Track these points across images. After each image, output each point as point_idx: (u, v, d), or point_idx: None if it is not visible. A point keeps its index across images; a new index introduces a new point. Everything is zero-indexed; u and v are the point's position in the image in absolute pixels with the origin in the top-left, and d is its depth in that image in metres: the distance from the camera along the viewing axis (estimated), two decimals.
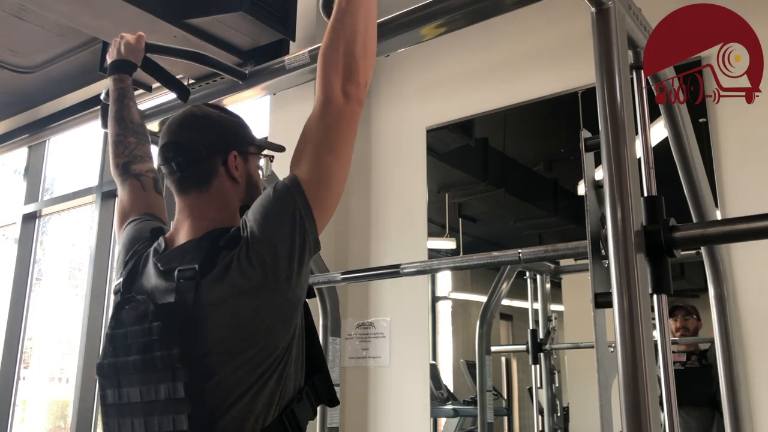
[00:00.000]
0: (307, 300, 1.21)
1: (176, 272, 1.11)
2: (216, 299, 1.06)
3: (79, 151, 4.47)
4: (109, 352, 1.16)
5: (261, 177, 1.32)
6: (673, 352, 2.19)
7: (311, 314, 1.24)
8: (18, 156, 4.61)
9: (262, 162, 1.33)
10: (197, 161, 1.21)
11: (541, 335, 2.78)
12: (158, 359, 1.07)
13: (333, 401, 1.20)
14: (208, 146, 1.22)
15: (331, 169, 1.17)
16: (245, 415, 1.05)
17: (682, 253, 1.08)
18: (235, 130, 1.27)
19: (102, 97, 2.09)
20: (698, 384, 2.13)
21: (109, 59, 1.66)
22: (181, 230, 1.21)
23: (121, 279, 1.22)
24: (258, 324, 1.07)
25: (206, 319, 1.06)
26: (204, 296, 1.06)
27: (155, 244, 1.23)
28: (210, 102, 1.30)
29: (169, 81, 1.79)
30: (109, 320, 1.18)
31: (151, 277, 1.17)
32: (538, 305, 2.85)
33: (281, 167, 1.32)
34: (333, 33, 1.19)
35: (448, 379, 2.94)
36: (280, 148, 1.32)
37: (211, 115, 1.27)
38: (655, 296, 1.07)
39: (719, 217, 1.92)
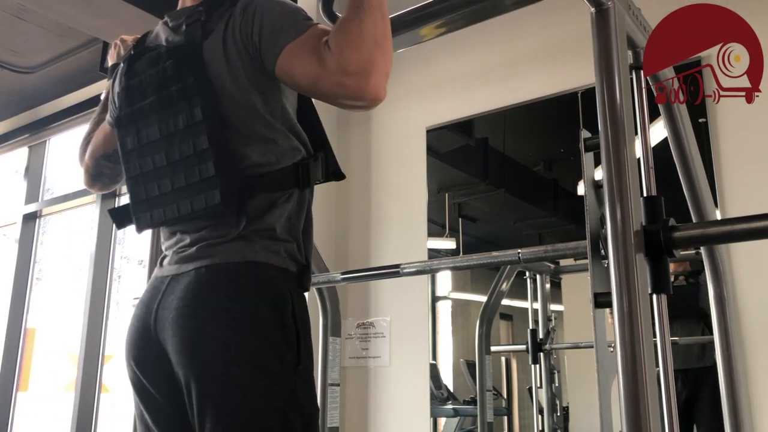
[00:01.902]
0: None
1: (185, 21, 1.19)
2: (221, 42, 1.13)
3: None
4: (125, 103, 1.21)
5: None
6: None
7: (313, 106, 1.26)
8: (18, 156, 4.61)
9: None
10: None
11: (541, 335, 2.78)
12: (174, 93, 1.13)
13: (339, 175, 1.23)
14: None
15: (298, 85, 1.14)
16: (261, 145, 1.13)
17: (682, 253, 1.08)
18: None
19: (102, 97, 2.09)
20: (685, 298, 2.23)
21: (110, 61, 1.66)
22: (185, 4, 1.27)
23: (133, 44, 1.29)
24: (251, 78, 1.13)
25: (215, 56, 1.13)
26: (212, 36, 1.14)
27: (165, 17, 1.27)
28: None
29: None
30: (122, 73, 1.24)
31: (161, 35, 1.25)
32: (538, 305, 2.85)
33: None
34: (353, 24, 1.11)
35: (448, 378, 2.94)
36: None
37: None
38: (654, 296, 1.07)
39: (719, 217, 1.92)
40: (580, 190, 2.49)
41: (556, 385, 2.77)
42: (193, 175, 1.11)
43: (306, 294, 1.21)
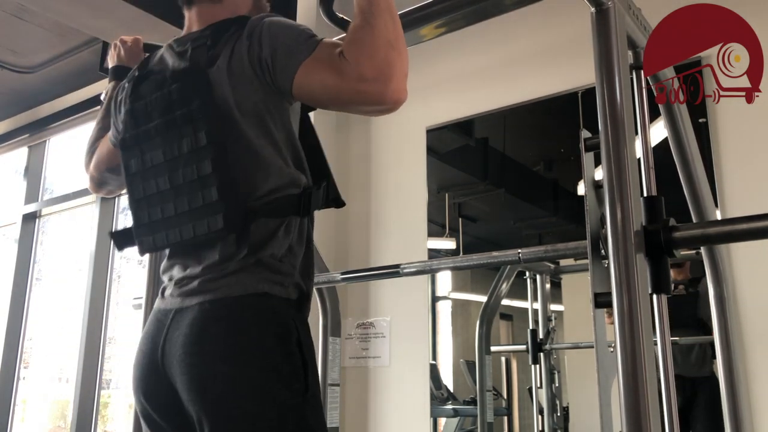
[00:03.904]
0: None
1: (190, 46, 1.20)
2: (222, 76, 1.13)
3: (80, 151, 4.47)
4: (130, 125, 1.21)
5: None
6: None
7: (314, 131, 1.29)
8: (18, 156, 4.61)
9: None
10: None
11: (541, 335, 2.78)
12: (179, 117, 1.13)
13: (338, 201, 1.28)
14: None
15: (319, 102, 1.16)
16: (264, 172, 1.13)
17: (682, 253, 1.08)
18: None
19: (102, 97, 2.09)
20: (684, 307, 2.22)
21: (110, 63, 1.65)
22: (191, 30, 1.27)
23: (137, 66, 1.30)
24: (258, 105, 1.14)
25: (221, 81, 1.13)
26: (219, 62, 1.14)
27: (171, 42, 1.28)
28: None
29: None
30: (127, 96, 1.24)
31: (166, 59, 1.25)
32: (538, 305, 2.85)
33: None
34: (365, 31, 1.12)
35: (448, 379, 2.94)
36: None
37: None
38: (654, 296, 1.07)
39: (719, 217, 1.92)
40: (580, 190, 2.49)
41: (556, 385, 2.77)
42: (197, 200, 1.11)
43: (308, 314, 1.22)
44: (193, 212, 1.12)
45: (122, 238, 1.27)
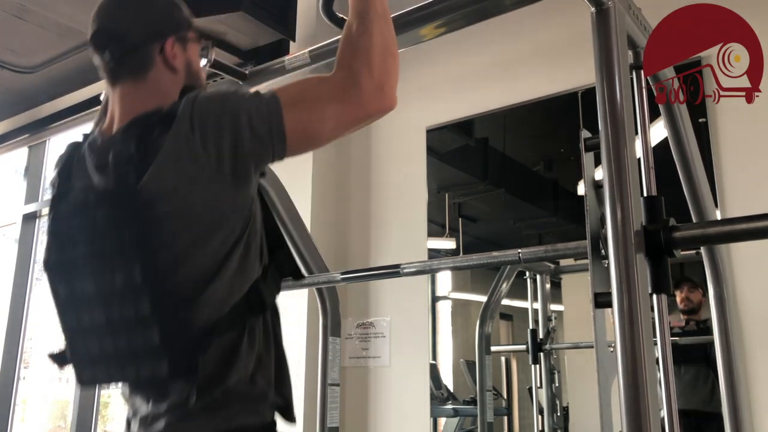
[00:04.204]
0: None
1: (111, 158, 1.03)
2: (164, 187, 0.99)
3: None
4: (53, 247, 1.09)
5: (203, 65, 1.22)
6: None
7: (263, 196, 1.17)
8: (18, 156, 4.61)
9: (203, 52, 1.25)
10: (131, 50, 1.11)
11: (541, 335, 2.78)
12: (108, 248, 1.00)
13: (297, 273, 1.17)
14: (143, 34, 1.12)
15: (321, 133, 1.07)
16: (208, 298, 1.00)
17: (682, 253, 1.08)
18: (171, 12, 1.17)
19: (102, 97, 2.09)
20: (695, 345, 2.19)
21: None
22: (114, 121, 1.12)
23: (56, 171, 1.15)
24: (211, 214, 1.01)
25: (154, 207, 0.98)
26: (150, 182, 0.98)
27: (90, 138, 1.14)
28: None
29: None
30: (48, 215, 1.11)
31: (88, 170, 1.09)
32: (538, 305, 2.85)
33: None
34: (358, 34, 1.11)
35: (448, 379, 2.94)
36: (219, 32, 1.24)
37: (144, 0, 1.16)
38: (654, 296, 1.07)
39: (719, 217, 1.92)
40: (580, 190, 2.49)
41: (556, 385, 2.77)
42: (137, 342, 0.98)
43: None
44: (135, 354, 0.99)
45: (63, 360, 1.12)
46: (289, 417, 1.08)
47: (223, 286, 1.01)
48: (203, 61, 1.24)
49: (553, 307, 2.87)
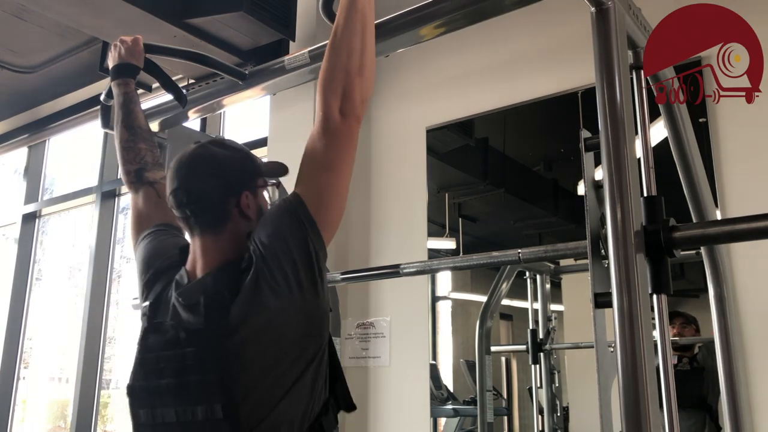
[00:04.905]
0: None
1: (202, 300, 1.13)
2: (246, 321, 1.09)
3: (79, 151, 4.47)
4: (140, 376, 1.18)
5: (268, 204, 1.33)
6: None
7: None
8: (18, 156, 4.61)
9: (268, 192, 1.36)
10: (210, 207, 1.22)
11: (541, 335, 2.77)
12: (193, 384, 1.09)
13: (350, 407, 1.29)
14: (221, 192, 1.22)
15: (331, 187, 1.20)
16: (279, 426, 1.08)
17: (682, 253, 1.08)
18: (244, 168, 1.27)
19: (102, 97, 2.09)
20: (689, 386, 2.13)
21: (110, 63, 1.65)
22: (197, 265, 1.23)
23: (148, 303, 1.24)
24: (289, 338, 1.11)
25: (238, 342, 1.08)
26: (234, 320, 1.08)
27: (177, 276, 1.24)
28: (214, 137, 1.35)
29: (168, 85, 1.79)
30: (138, 343, 1.20)
31: (177, 308, 1.18)
32: (538, 305, 2.85)
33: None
34: (331, 52, 1.22)
35: (448, 379, 2.94)
36: (284, 172, 1.33)
37: (219, 157, 1.25)
38: (654, 296, 1.07)
39: (719, 217, 1.92)
40: (580, 190, 2.49)
41: (556, 385, 2.76)
42: None
43: None
44: None
45: None
46: None
47: (293, 410, 1.10)
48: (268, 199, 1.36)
49: (553, 307, 2.87)
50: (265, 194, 1.33)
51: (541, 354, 2.74)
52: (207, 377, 1.08)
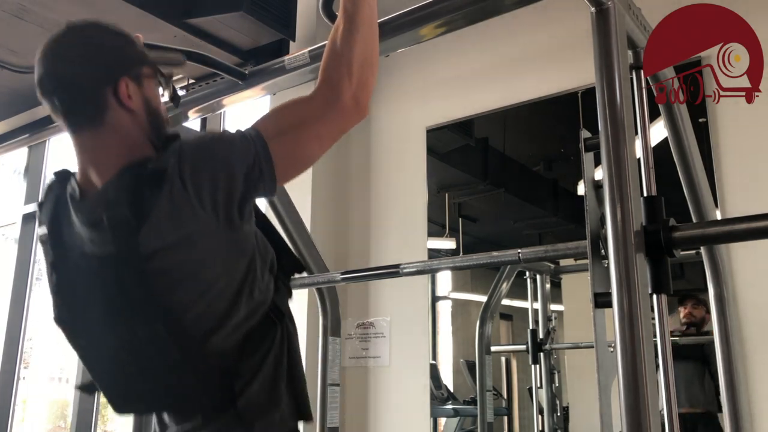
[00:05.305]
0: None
1: (105, 219, 1.00)
2: (163, 244, 0.98)
3: None
4: (61, 304, 1.09)
5: (162, 99, 1.17)
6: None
7: (262, 216, 1.17)
8: (18, 156, 4.60)
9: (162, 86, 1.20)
10: (82, 96, 1.05)
11: (541, 335, 2.78)
12: (122, 308, 1.02)
13: (299, 267, 1.22)
14: (93, 78, 1.06)
15: (309, 155, 1.11)
16: (230, 330, 1.03)
17: (682, 253, 1.08)
18: (121, 52, 1.11)
19: None
20: (692, 344, 2.23)
21: None
22: (90, 173, 1.08)
23: (46, 227, 1.11)
24: (216, 261, 1.02)
25: (156, 263, 0.98)
26: (150, 242, 0.97)
27: (69, 189, 1.10)
28: (92, 21, 1.13)
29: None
30: (47, 269, 1.09)
31: (77, 226, 1.06)
32: (538, 305, 2.85)
33: None
34: (344, 36, 1.14)
35: (448, 378, 2.94)
36: (178, 60, 1.20)
37: (92, 39, 1.10)
38: (654, 296, 1.07)
39: (719, 217, 1.92)
40: (580, 190, 2.49)
41: (556, 385, 2.77)
42: (170, 382, 1.04)
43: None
44: (170, 392, 1.06)
45: (93, 389, 1.16)
46: (304, 416, 1.12)
47: (242, 313, 1.04)
48: (165, 96, 1.19)
49: (553, 307, 2.87)
50: (158, 88, 1.16)
51: (541, 354, 2.74)
52: (133, 302, 1.00)
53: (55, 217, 1.10)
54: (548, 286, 2.88)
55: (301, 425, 1.13)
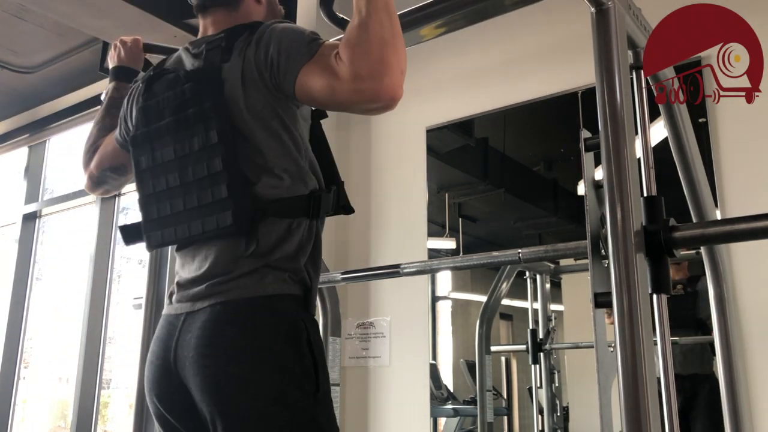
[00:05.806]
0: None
1: (204, 46, 1.23)
2: (239, 70, 1.16)
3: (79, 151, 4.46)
4: (141, 123, 1.25)
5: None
6: None
7: (325, 138, 1.33)
8: (18, 156, 4.61)
9: None
10: None
11: (541, 335, 2.78)
12: (191, 115, 1.16)
13: (348, 209, 1.36)
14: None
15: (316, 98, 1.17)
16: (271, 173, 1.15)
17: (682, 253, 1.08)
18: None
19: (102, 97, 2.08)
20: (683, 307, 2.21)
21: (110, 64, 1.65)
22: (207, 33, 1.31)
23: (153, 66, 1.34)
24: (270, 104, 1.17)
25: (233, 82, 1.16)
26: (231, 63, 1.17)
27: (187, 44, 1.31)
28: None
29: None
30: (140, 95, 1.27)
31: (183, 59, 1.28)
32: (538, 305, 2.85)
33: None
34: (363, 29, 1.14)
35: (448, 378, 2.94)
36: None
37: None
38: (654, 296, 1.07)
39: (719, 217, 1.92)
40: (580, 190, 2.49)
41: (556, 385, 2.76)
42: (206, 197, 1.14)
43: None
44: (203, 208, 1.14)
45: (130, 233, 1.29)
46: (310, 304, 1.19)
47: (283, 163, 1.17)
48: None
49: (553, 307, 2.87)
50: None
51: (541, 354, 2.74)
52: (203, 106, 1.15)
53: (160, 65, 1.33)
54: (548, 286, 2.88)
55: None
